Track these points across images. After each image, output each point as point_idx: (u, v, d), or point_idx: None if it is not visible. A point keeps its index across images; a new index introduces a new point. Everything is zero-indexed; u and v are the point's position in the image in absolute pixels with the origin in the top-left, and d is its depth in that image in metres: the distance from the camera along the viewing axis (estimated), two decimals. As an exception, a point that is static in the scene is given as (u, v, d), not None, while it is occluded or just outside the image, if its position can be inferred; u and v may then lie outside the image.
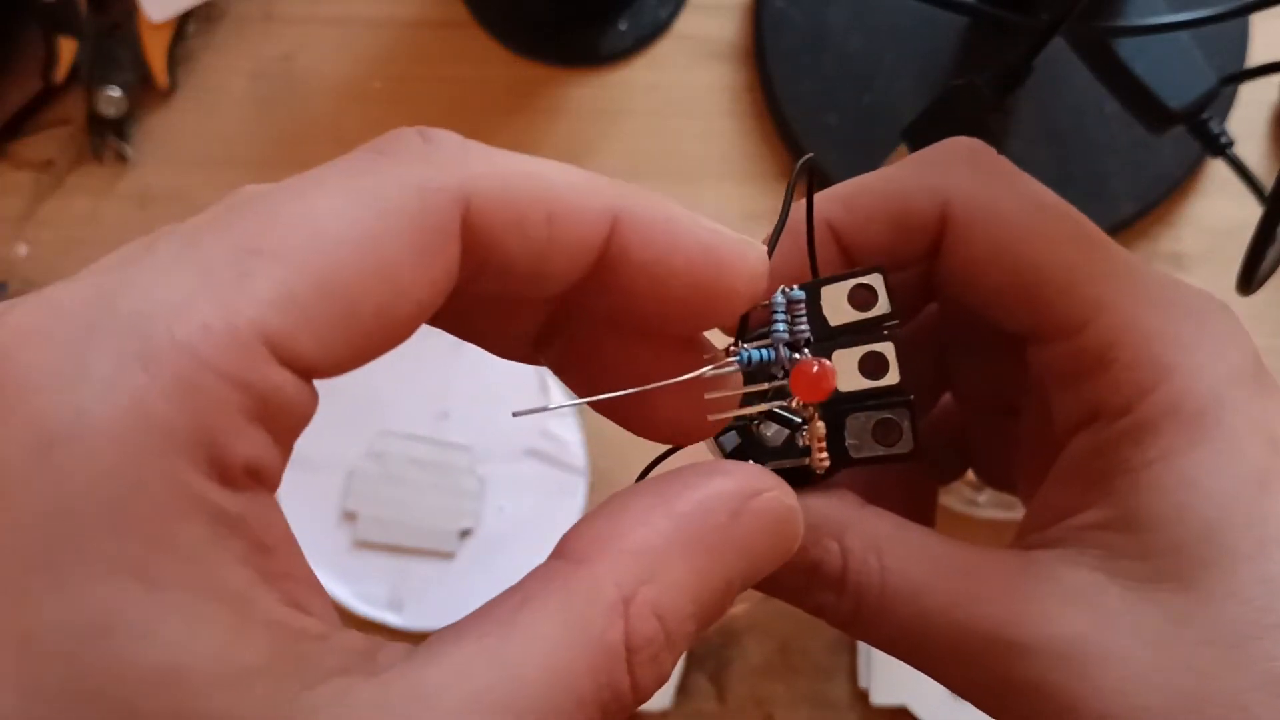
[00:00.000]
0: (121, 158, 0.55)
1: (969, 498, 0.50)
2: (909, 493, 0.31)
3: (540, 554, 0.20)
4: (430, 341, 0.24)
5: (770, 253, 0.22)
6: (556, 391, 0.51)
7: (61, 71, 0.54)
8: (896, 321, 0.23)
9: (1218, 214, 0.54)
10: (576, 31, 0.56)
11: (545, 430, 0.51)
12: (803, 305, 0.23)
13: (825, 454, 0.23)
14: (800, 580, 0.24)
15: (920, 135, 0.46)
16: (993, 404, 0.30)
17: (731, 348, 0.22)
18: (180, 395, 0.15)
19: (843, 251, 0.26)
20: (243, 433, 0.16)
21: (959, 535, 0.24)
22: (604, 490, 0.51)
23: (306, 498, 0.50)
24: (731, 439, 0.25)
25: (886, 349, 0.23)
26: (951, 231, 0.25)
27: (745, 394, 0.23)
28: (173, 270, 0.16)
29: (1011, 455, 0.30)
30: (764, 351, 0.22)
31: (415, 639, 0.17)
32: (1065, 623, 0.22)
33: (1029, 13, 0.46)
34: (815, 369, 0.22)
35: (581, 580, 0.18)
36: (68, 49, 0.54)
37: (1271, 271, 0.34)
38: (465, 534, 0.51)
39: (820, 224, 0.25)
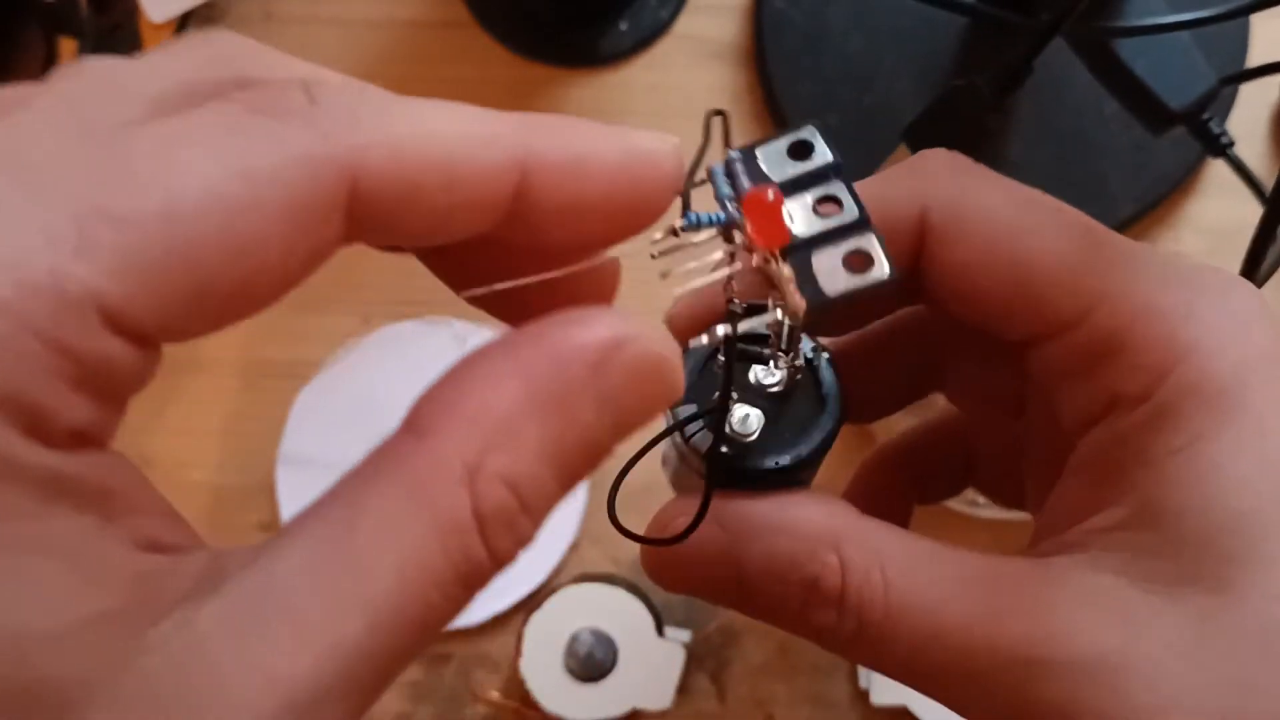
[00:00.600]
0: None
1: (969, 498, 0.50)
2: (885, 509, 0.28)
3: (540, 554, 0.19)
4: (431, 341, 0.25)
5: (685, 197, 0.20)
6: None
7: (62, 72, 0.54)
8: (840, 166, 0.21)
9: (1218, 214, 0.54)
10: (577, 32, 0.56)
11: (545, 430, 0.51)
12: (739, 164, 0.21)
13: (798, 294, 0.20)
14: (794, 599, 0.22)
15: (920, 135, 0.46)
16: (993, 406, 0.29)
17: (678, 222, 0.20)
18: (3, 361, 0.14)
19: None
20: (65, 399, 0.15)
21: (959, 535, 0.24)
22: (604, 490, 0.51)
23: (306, 498, 0.50)
24: (688, 410, 0.24)
25: (837, 188, 0.21)
26: (932, 236, 0.24)
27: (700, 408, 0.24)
28: (10, 222, 0.15)
29: (1015, 464, 0.29)
30: (713, 215, 0.20)
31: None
32: (1092, 637, 0.20)
33: (1029, 13, 0.46)
34: (770, 194, 0.20)
35: (423, 456, 0.16)
36: (69, 49, 0.54)
37: (1272, 272, 0.34)
38: (465, 534, 0.51)
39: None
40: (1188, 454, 0.21)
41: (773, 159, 0.21)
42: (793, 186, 0.21)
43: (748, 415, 0.24)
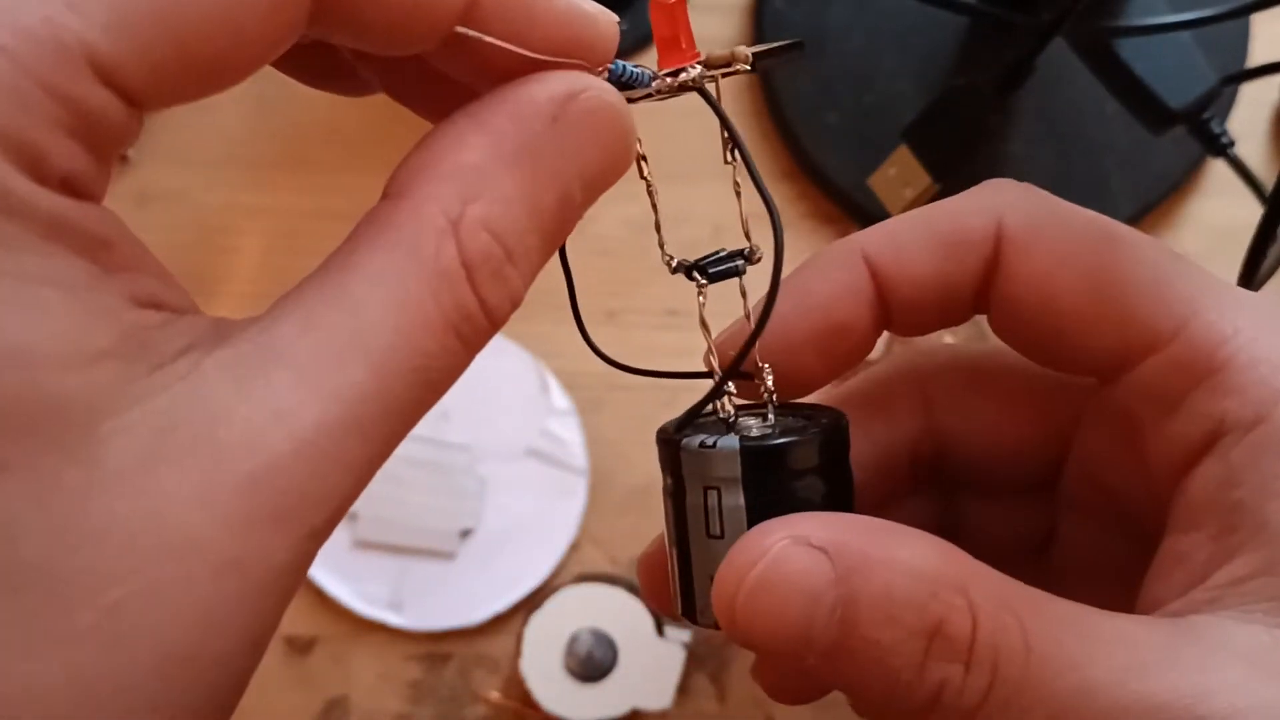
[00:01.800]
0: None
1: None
2: None
3: (540, 554, 0.19)
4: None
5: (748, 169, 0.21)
6: (557, 391, 0.51)
7: (62, 71, 0.54)
8: None
9: (1218, 214, 0.54)
10: (577, 31, 0.56)
11: (545, 430, 0.51)
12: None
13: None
14: (913, 649, 0.18)
15: (920, 135, 0.46)
16: (1015, 546, 0.26)
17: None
18: (3, 104, 0.15)
19: (878, 291, 0.23)
20: (60, 143, 0.15)
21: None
22: (604, 490, 0.51)
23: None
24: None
25: None
26: (1010, 247, 0.22)
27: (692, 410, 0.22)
28: None
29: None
30: (637, 70, 0.21)
31: (417, 639, 0.17)
32: (1256, 692, 0.18)
33: (1029, 13, 0.46)
34: None
35: (405, 213, 0.17)
36: (68, 49, 0.54)
37: (1272, 272, 0.34)
38: (465, 534, 0.51)
39: (855, 257, 0.23)
40: None
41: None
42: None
43: (751, 425, 0.22)
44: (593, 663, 0.48)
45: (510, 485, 0.51)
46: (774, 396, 0.23)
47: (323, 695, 0.50)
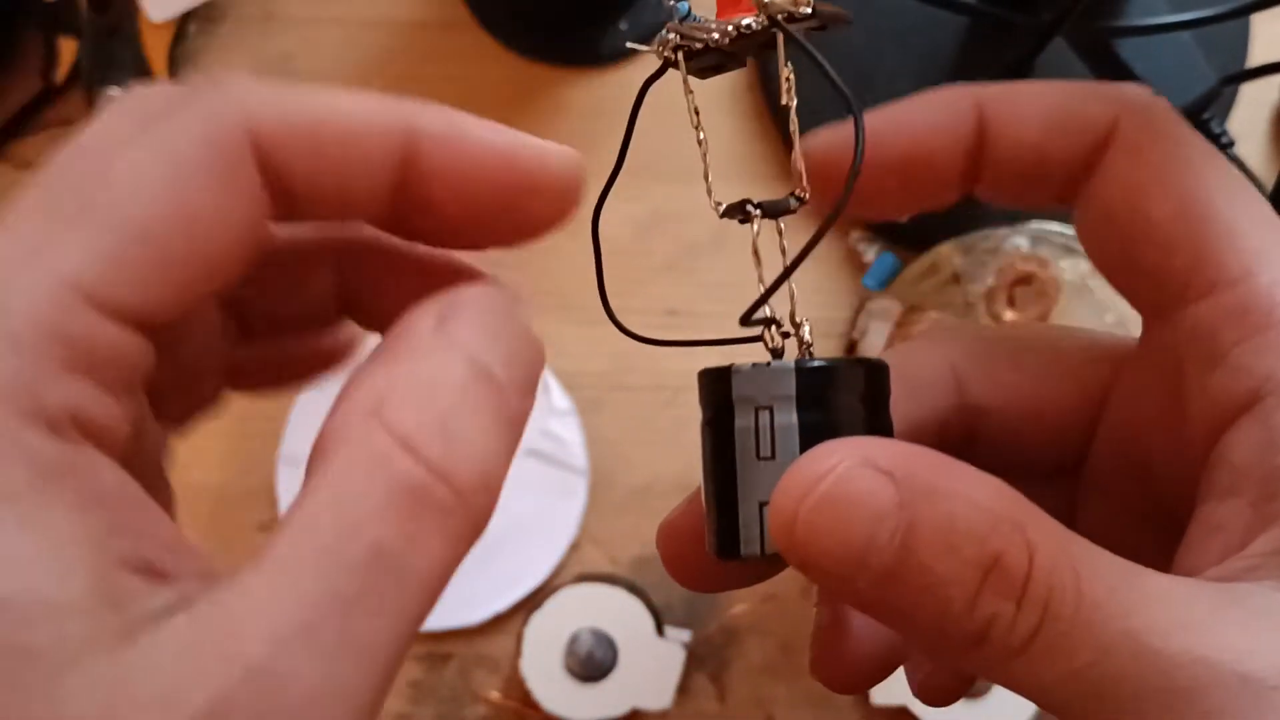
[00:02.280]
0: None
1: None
2: None
3: (540, 554, 0.20)
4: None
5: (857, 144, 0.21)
6: (557, 391, 0.51)
7: (62, 72, 0.54)
8: None
9: (1218, 214, 0.54)
10: (577, 31, 0.56)
11: (546, 430, 0.51)
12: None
13: None
14: (968, 580, 0.18)
15: (920, 135, 0.46)
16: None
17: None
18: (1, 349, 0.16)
19: (979, 140, 0.23)
20: (62, 381, 0.16)
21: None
22: (604, 490, 0.51)
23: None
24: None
25: None
26: (1119, 147, 0.22)
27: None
28: None
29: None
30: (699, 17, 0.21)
31: (417, 639, 0.17)
32: None
33: (1029, 13, 0.46)
34: None
35: (326, 430, 0.17)
36: (68, 49, 0.54)
37: (1272, 271, 0.34)
38: (465, 534, 0.51)
39: (967, 102, 0.23)
40: None
41: None
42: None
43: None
44: (593, 663, 0.48)
45: (510, 485, 0.51)
46: (811, 349, 0.23)
47: (323, 695, 0.50)
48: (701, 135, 0.23)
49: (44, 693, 0.15)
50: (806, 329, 0.23)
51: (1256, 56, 0.53)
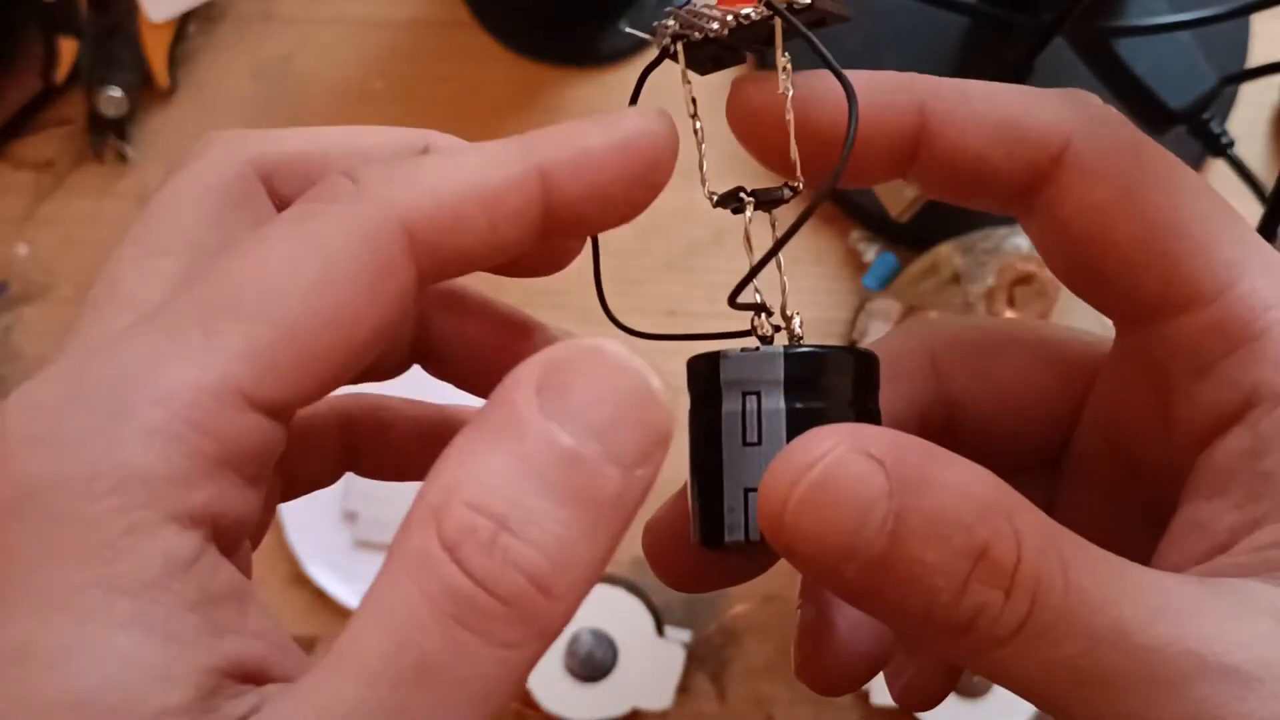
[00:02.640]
0: (122, 158, 0.55)
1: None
2: None
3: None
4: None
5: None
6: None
7: (62, 71, 0.54)
8: None
9: (1218, 214, 0.54)
10: (576, 31, 0.56)
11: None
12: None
13: None
14: (957, 569, 0.18)
15: (920, 135, 0.46)
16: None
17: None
18: (146, 444, 0.16)
19: (918, 134, 0.22)
20: (211, 479, 0.17)
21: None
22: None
23: (307, 498, 0.50)
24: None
25: None
26: (1073, 168, 0.22)
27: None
28: (145, 338, 0.17)
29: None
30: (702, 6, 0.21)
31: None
32: None
33: (1029, 13, 0.46)
34: None
35: (401, 532, 0.17)
36: (68, 49, 0.54)
37: (1272, 272, 0.34)
38: (465, 534, 0.51)
39: (909, 96, 0.22)
40: None
41: None
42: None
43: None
44: (593, 663, 0.48)
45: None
46: (801, 339, 0.23)
47: (323, 695, 0.50)
48: (698, 125, 0.23)
49: None
50: (797, 321, 0.23)
51: (1256, 56, 0.53)
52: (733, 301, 0.22)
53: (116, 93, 0.54)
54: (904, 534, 0.18)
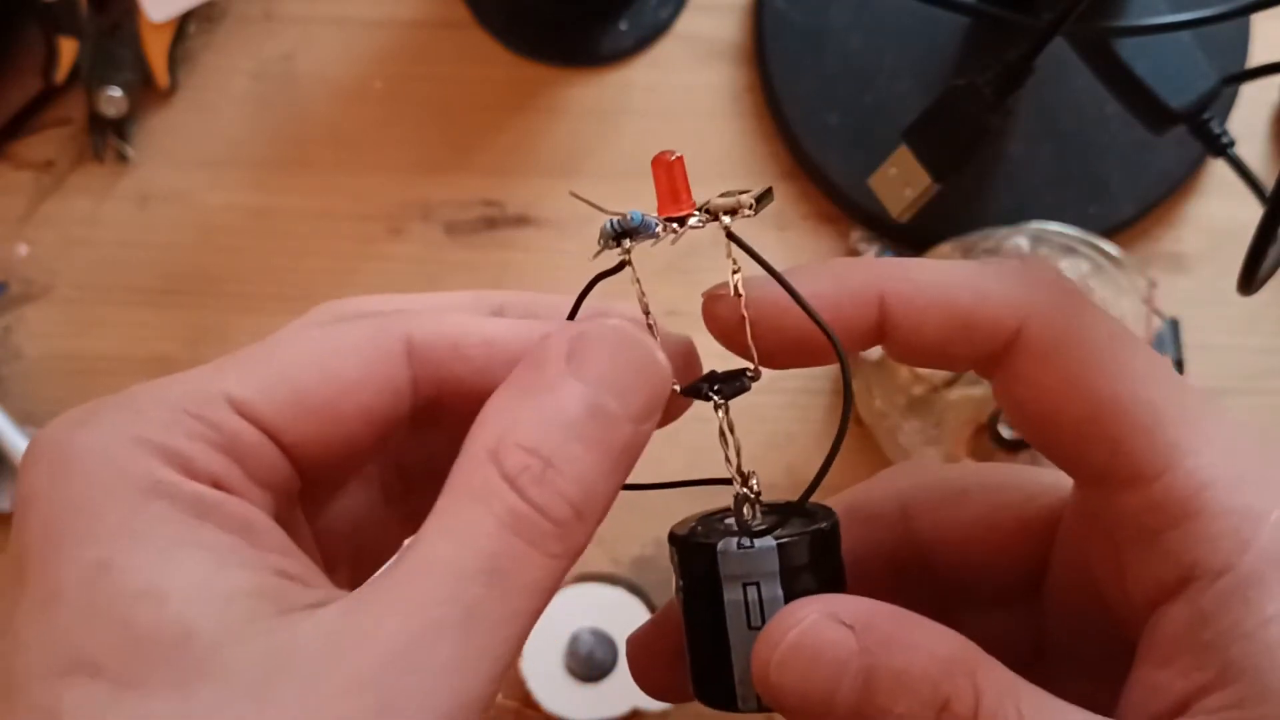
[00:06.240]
0: (122, 158, 0.55)
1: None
2: None
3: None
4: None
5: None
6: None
7: (62, 71, 0.54)
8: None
9: (1218, 214, 0.54)
10: (576, 31, 0.56)
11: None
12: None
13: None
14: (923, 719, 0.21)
15: (921, 135, 0.46)
16: (1013, 649, 0.27)
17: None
18: (156, 424, 0.20)
19: (880, 322, 0.24)
20: (208, 453, 0.20)
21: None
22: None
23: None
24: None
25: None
26: (1026, 352, 0.23)
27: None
28: (162, 380, 0.22)
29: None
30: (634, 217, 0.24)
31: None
32: None
33: (1029, 13, 0.46)
34: (672, 156, 0.24)
35: (457, 466, 0.21)
36: (68, 49, 0.54)
37: (1272, 272, 0.34)
38: (465, 534, 0.51)
39: (871, 289, 0.24)
40: None
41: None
42: None
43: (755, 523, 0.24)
44: (593, 663, 0.48)
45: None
46: (760, 497, 0.24)
47: (323, 695, 0.50)
48: (652, 321, 0.24)
49: (209, 668, 0.18)
50: (755, 481, 0.24)
51: (1257, 56, 0.53)
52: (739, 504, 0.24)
53: (116, 93, 0.54)
54: (874, 688, 0.21)
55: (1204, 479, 0.22)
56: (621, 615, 0.49)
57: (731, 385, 0.24)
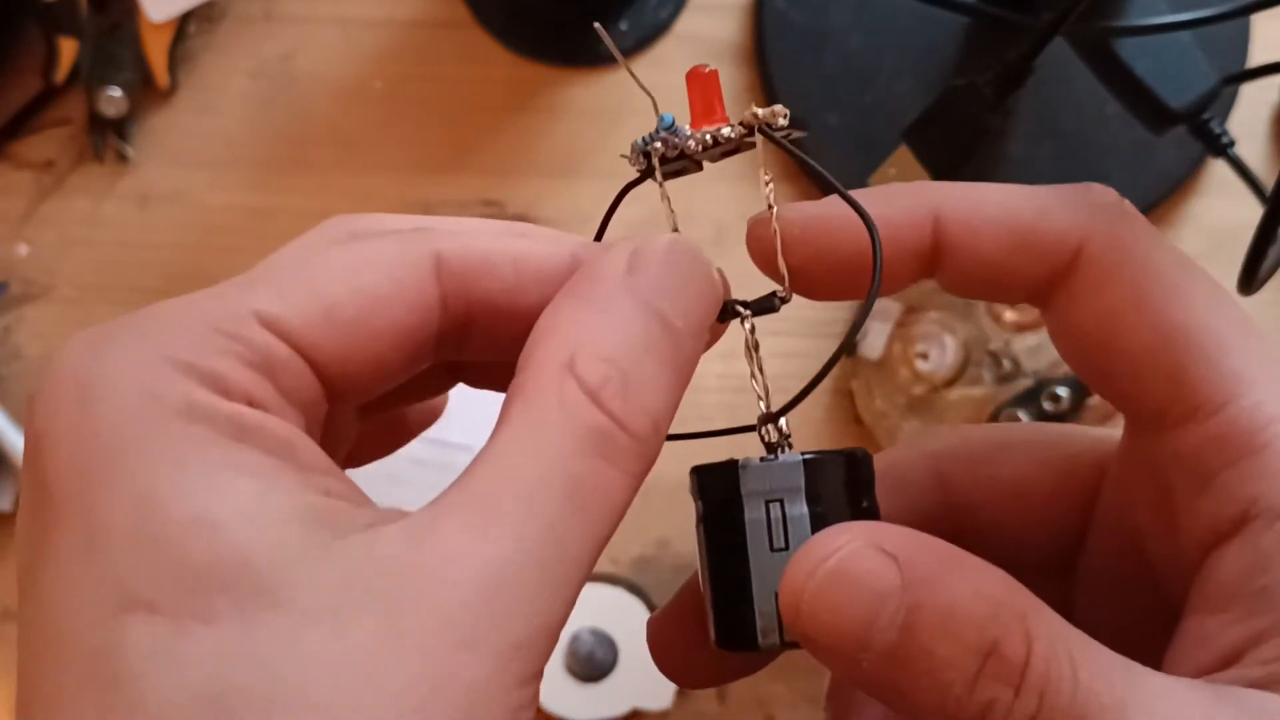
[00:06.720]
0: (122, 158, 0.55)
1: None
2: None
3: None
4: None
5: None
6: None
7: (62, 71, 0.54)
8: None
9: (1218, 214, 0.54)
10: (576, 31, 0.56)
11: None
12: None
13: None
14: (968, 665, 0.19)
15: (921, 135, 0.46)
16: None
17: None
18: (184, 343, 0.19)
19: (934, 246, 0.23)
20: (241, 371, 0.19)
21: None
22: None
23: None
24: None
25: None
26: (1086, 272, 0.22)
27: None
28: (185, 298, 0.20)
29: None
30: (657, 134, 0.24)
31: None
32: None
33: (1029, 13, 0.46)
34: (706, 68, 0.23)
35: (528, 376, 0.20)
36: (68, 49, 0.54)
37: (1272, 272, 0.34)
38: (465, 534, 0.51)
39: (925, 208, 0.23)
40: None
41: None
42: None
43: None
44: (593, 663, 0.48)
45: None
46: (789, 437, 0.23)
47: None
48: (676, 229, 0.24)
49: (276, 595, 0.17)
50: (784, 422, 0.23)
51: (1257, 56, 0.53)
52: (769, 421, 0.23)
53: (116, 93, 0.54)
54: (916, 627, 0.19)
55: (1271, 413, 0.20)
56: (621, 615, 0.49)
57: (760, 302, 0.24)
